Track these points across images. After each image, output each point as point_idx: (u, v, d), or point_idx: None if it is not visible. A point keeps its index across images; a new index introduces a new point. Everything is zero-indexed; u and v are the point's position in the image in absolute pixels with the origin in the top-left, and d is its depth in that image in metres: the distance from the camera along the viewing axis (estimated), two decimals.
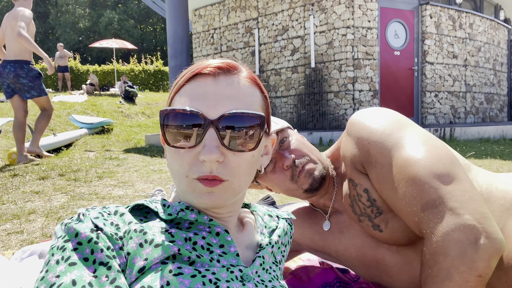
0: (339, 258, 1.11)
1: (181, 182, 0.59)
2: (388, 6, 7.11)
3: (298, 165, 1.00)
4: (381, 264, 1.00)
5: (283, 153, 1.00)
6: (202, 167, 0.57)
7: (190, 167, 0.58)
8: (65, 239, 0.54)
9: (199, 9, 9.32)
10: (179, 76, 0.64)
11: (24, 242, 1.93)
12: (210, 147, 0.56)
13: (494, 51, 8.75)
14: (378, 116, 0.95)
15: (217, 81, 0.59)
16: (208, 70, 0.60)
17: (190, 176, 0.58)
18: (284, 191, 1.05)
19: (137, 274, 0.53)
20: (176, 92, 0.62)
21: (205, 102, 0.58)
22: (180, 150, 0.58)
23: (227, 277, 0.57)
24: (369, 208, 0.95)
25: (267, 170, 1.02)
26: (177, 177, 0.60)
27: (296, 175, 1.00)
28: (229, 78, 0.60)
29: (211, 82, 0.59)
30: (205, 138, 0.57)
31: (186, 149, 0.57)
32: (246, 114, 0.58)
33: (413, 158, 0.83)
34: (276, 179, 1.02)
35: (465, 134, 6.42)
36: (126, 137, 7.19)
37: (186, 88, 0.60)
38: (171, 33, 6.14)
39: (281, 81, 7.84)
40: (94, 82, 13.87)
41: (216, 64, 0.60)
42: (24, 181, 3.21)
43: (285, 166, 0.99)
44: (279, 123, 1.04)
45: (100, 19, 27.06)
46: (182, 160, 0.58)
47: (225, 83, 0.60)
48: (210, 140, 0.56)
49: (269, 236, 0.73)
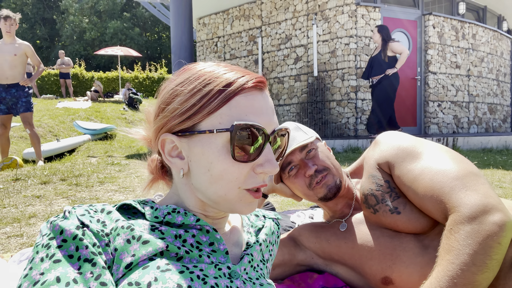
0: (353, 256, 1.12)
1: (229, 192, 0.60)
2: (391, 16, 7.15)
3: (317, 175, 1.11)
4: (398, 250, 1.03)
5: (307, 163, 1.12)
6: (257, 179, 0.60)
7: (245, 179, 0.60)
8: (50, 236, 0.53)
9: (203, 18, 9.41)
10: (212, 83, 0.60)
11: (24, 245, 1.94)
12: (273, 161, 0.60)
13: (497, 61, 8.76)
14: (405, 134, 1.12)
15: (263, 95, 0.62)
16: (256, 84, 0.61)
17: (242, 187, 0.60)
18: (302, 194, 1.17)
19: (124, 270, 0.53)
20: (223, 102, 0.58)
21: (263, 117, 0.60)
22: (241, 164, 0.59)
23: (215, 273, 0.57)
24: (387, 194, 1.05)
25: (290, 174, 1.14)
26: (225, 188, 0.59)
27: (313, 184, 1.11)
28: (266, 92, 0.64)
29: (260, 96, 0.61)
30: (266, 153, 0.60)
31: (248, 162, 0.59)
32: (285, 129, 0.65)
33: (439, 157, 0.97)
34: (296, 183, 1.14)
35: (468, 144, 6.39)
36: (128, 144, 7.21)
37: (241, 101, 0.59)
38: (175, 41, 6.19)
39: (284, 90, 7.87)
40: (99, 88, 13.97)
41: (260, 79, 0.62)
42: (26, 185, 3.23)
43: (307, 175, 1.11)
44: (309, 134, 1.16)
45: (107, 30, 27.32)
46: (240, 173, 0.59)
47: (267, 97, 0.63)
48: (271, 154, 0.60)
49: (256, 235, 0.74)
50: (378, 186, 1.06)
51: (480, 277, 0.77)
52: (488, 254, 0.78)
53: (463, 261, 0.79)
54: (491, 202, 0.83)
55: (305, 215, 2.00)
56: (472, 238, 0.80)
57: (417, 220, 1.00)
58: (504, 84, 9.15)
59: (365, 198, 1.10)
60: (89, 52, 27.43)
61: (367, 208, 1.10)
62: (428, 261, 0.97)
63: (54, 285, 0.48)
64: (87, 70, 18.83)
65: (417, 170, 0.98)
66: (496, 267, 0.79)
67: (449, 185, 0.90)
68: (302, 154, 1.13)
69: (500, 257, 0.79)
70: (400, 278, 1.02)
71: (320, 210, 2.10)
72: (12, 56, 4.54)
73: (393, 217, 1.03)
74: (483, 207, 0.82)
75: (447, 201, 0.89)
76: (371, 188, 1.08)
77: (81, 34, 27.80)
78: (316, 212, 2.06)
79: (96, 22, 28.14)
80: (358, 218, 1.15)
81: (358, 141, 5.94)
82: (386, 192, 1.05)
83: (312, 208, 2.24)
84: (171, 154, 0.63)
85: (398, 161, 1.03)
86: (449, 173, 0.92)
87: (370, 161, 1.11)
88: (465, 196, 0.86)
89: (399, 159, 1.03)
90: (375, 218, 1.08)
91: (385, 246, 1.06)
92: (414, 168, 0.99)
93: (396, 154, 1.05)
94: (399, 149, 1.05)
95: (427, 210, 0.96)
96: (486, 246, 0.78)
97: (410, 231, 1.02)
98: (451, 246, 0.82)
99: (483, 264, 0.78)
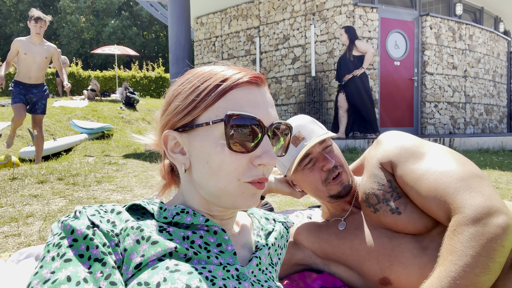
0: (351, 256, 1.12)
1: (229, 185, 0.60)
2: (389, 16, 7.17)
3: (335, 170, 1.10)
4: (396, 251, 1.03)
5: (326, 156, 1.10)
6: (257, 171, 0.61)
7: (244, 171, 0.60)
8: (61, 236, 0.54)
9: (201, 17, 9.40)
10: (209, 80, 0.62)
11: (21, 245, 1.93)
12: (271, 153, 0.60)
13: (494, 62, 8.80)
14: (408, 134, 1.12)
15: (260, 90, 0.64)
16: (253, 79, 0.62)
17: (242, 180, 0.60)
18: (311, 189, 1.14)
19: (133, 270, 0.54)
20: (219, 96, 0.61)
21: (260, 110, 0.61)
22: (238, 154, 0.59)
23: (223, 275, 0.57)
24: (389, 193, 1.04)
25: (307, 166, 1.11)
26: (225, 180, 0.60)
27: (329, 180, 1.10)
28: (264, 88, 0.65)
29: (257, 91, 0.63)
30: (264, 144, 0.61)
31: (245, 153, 0.60)
32: (285, 124, 0.65)
33: (443, 158, 0.98)
34: (311, 176, 1.11)
35: (465, 144, 6.42)
36: (126, 143, 7.19)
37: (237, 94, 0.61)
38: (173, 40, 6.18)
39: (282, 89, 7.87)
40: (96, 87, 13.92)
41: (257, 74, 0.64)
42: (23, 185, 3.21)
43: (325, 168, 1.09)
44: (325, 130, 1.16)
45: (105, 29, 27.21)
46: (238, 164, 0.60)
47: (265, 93, 0.64)
48: (268, 145, 0.61)
49: (266, 238, 0.74)
50: (379, 185, 1.06)
51: (482, 279, 0.77)
52: (491, 257, 0.78)
53: (466, 262, 0.78)
54: (495, 205, 0.83)
55: (303, 215, 2.00)
56: (476, 240, 0.80)
57: (417, 221, 1.00)
58: (501, 85, 9.19)
59: (366, 197, 1.09)
60: (86, 50, 27.32)
61: (367, 207, 1.09)
62: (427, 262, 0.97)
63: (64, 284, 0.48)
64: (84, 69, 18.76)
65: (421, 170, 0.98)
66: (498, 270, 0.79)
67: (454, 186, 0.90)
68: (321, 147, 1.12)
69: (503, 260, 0.79)
70: (399, 279, 1.02)
71: (318, 211, 2.10)
72: (43, 59, 4.55)
73: (393, 217, 1.03)
74: (487, 209, 0.82)
75: (451, 202, 0.88)
76: (373, 187, 1.08)
77: (78, 33, 27.68)
78: (314, 212, 2.06)
79: (94, 21, 28.03)
80: (357, 218, 1.15)
81: (355, 141, 5.95)
82: (388, 191, 1.05)
83: (311, 208, 2.24)
84: (173, 151, 0.65)
85: (401, 160, 1.03)
86: (453, 174, 0.92)
87: (372, 160, 1.11)
88: (470, 198, 0.86)
89: (402, 158, 1.03)
90: (375, 218, 1.08)
91: (383, 247, 1.06)
92: (418, 168, 0.99)
93: (399, 154, 1.04)
94: (403, 148, 1.05)
95: (430, 210, 0.96)
96: (489, 249, 0.78)
97: (410, 231, 1.02)
98: (454, 247, 0.82)
99: (486, 266, 0.78)
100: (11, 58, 4.54)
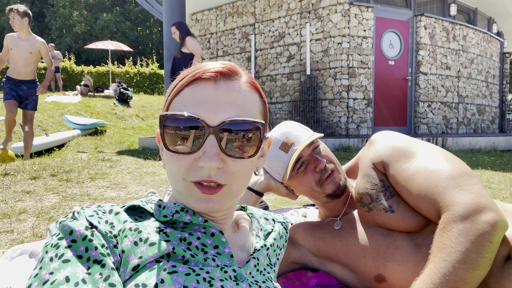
0: (347, 254, 1.13)
1: (178, 184, 0.60)
2: (384, 16, 7.20)
3: (327, 169, 1.12)
4: (391, 249, 1.05)
5: (316, 157, 1.12)
6: (201, 172, 0.57)
7: (188, 171, 0.58)
8: (59, 236, 0.54)
9: (196, 14, 9.35)
10: (177, 79, 0.63)
11: (14, 241, 1.91)
12: (210, 154, 0.56)
13: (487, 63, 8.88)
14: (400, 134, 1.13)
15: (218, 86, 0.59)
16: (208, 74, 0.59)
17: (187, 179, 0.58)
18: (307, 192, 1.16)
19: (131, 272, 0.53)
20: (175, 95, 0.61)
21: (205, 108, 0.57)
22: (179, 155, 0.58)
23: (221, 276, 0.57)
24: (382, 192, 1.06)
25: (299, 170, 1.13)
26: (174, 179, 0.60)
27: (323, 179, 1.12)
28: (229, 83, 0.60)
29: (211, 87, 0.58)
30: (206, 145, 0.56)
31: (186, 154, 0.57)
32: (247, 121, 0.58)
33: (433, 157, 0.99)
34: (305, 179, 1.13)
35: (457, 144, 6.49)
36: (119, 139, 7.15)
37: (186, 92, 0.59)
38: (167, 36, 6.14)
39: (276, 87, 7.87)
40: (89, 83, 13.81)
41: (217, 69, 0.59)
42: (16, 181, 3.18)
43: (317, 169, 1.11)
44: (311, 132, 1.18)
45: (97, 22, 26.96)
46: (180, 164, 0.58)
47: (226, 88, 0.59)
48: (211, 147, 0.56)
49: (265, 239, 0.73)
50: (373, 185, 1.08)
51: (471, 274, 0.79)
52: (480, 253, 0.80)
53: (455, 258, 0.80)
54: (483, 202, 0.85)
55: (298, 213, 2.01)
56: (465, 237, 0.81)
57: (410, 219, 1.01)
58: (493, 86, 9.29)
59: (360, 196, 1.11)
60: (79, 45, 27.05)
61: (361, 206, 1.11)
62: (421, 259, 0.98)
63: (63, 284, 0.48)
64: (77, 64, 18.57)
65: (412, 170, 0.99)
66: (487, 265, 0.81)
67: (443, 185, 0.91)
68: (310, 149, 1.14)
69: (492, 255, 0.81)
70: (393, 276, 1.03)
71: (313, 209, 2.11)
72: (28, 54, 4.46)
73: (387, 215, 1.04)
74: (475, 206, 0.84)
75: (440, 200, 0.90)
76: (366, 187, 1.09)
77: (70, 28, 27.40)
78: (309, 211, 2.07)
79: (87, 15, 27.75)
80: (352, 217, 1.16)
81: (350, 140, 5.98)
82: (381, 191, 1.06)
83: (305, 206, 2.25)
84: (162, 148, 0.65)
85: (393, 160, 1.05)
86: (443, 173, 0.93)
87: (365, 161, 1.13)
88: (458, 195, 0.88)
89: (394, 158, 1.05)
90: (369, 217, 1.09)
91: (378, 244, 1.07)
92: (409, 167, 1.00)
93: (391, 154, 1.06)
94: (394, 148, 1.06)
95: (421, 209, 0.97)
96: (478, 245, 0.80)
97: (403, 229, 1.04)
98: (443, 244, 0.84)
99: (474, 262, 0.79)
100: (4, 54, 4.50)
